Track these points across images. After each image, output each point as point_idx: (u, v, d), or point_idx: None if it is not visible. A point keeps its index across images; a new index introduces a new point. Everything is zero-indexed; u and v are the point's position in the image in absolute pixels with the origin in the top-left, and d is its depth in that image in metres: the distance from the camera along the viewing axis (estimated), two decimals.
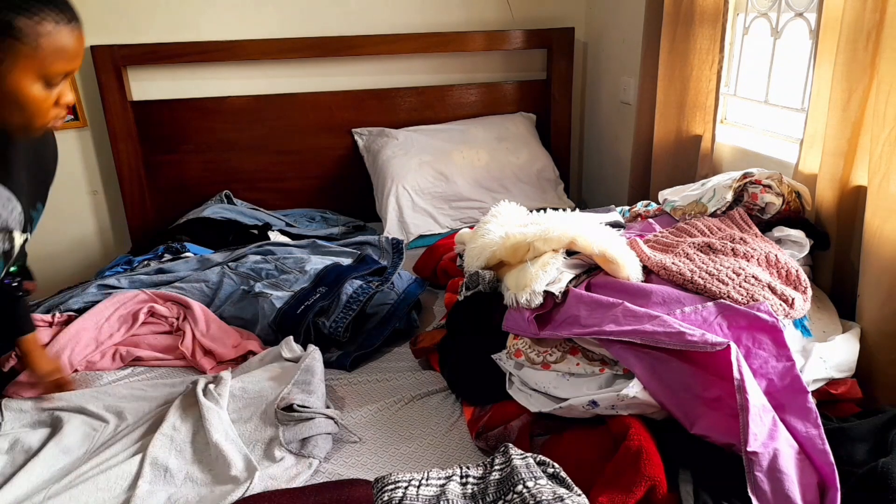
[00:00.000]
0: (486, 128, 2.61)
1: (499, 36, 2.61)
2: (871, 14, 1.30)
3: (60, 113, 1.02)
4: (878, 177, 1.29)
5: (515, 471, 1.00)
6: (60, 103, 1.01)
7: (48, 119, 1.01)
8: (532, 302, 1.33)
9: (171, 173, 2.56)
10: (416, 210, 2.38)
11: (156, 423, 1.30)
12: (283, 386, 1.34)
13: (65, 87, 1.01)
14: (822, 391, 1.23)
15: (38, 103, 0.97)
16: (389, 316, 1.69)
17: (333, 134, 2.63)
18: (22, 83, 0.94)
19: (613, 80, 2.60)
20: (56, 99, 1.00)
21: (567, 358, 1.26)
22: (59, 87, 0.99)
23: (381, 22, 2.55)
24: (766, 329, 1.16)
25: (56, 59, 0.95)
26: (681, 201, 1.67)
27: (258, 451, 1.25)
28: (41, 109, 0.98)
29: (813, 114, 1.50)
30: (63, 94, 1.01)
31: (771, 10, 1.83)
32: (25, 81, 0.94)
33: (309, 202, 2.67)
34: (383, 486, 1.02)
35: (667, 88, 2.01)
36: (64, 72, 0.98)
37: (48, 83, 0.97)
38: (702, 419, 1.08)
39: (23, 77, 0.94)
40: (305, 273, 1.85)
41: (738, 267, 1.30)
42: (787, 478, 0.98)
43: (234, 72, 2.53)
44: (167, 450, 1.23)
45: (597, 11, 2.68)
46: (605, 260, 1.36)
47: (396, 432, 1.34)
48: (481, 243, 1.54)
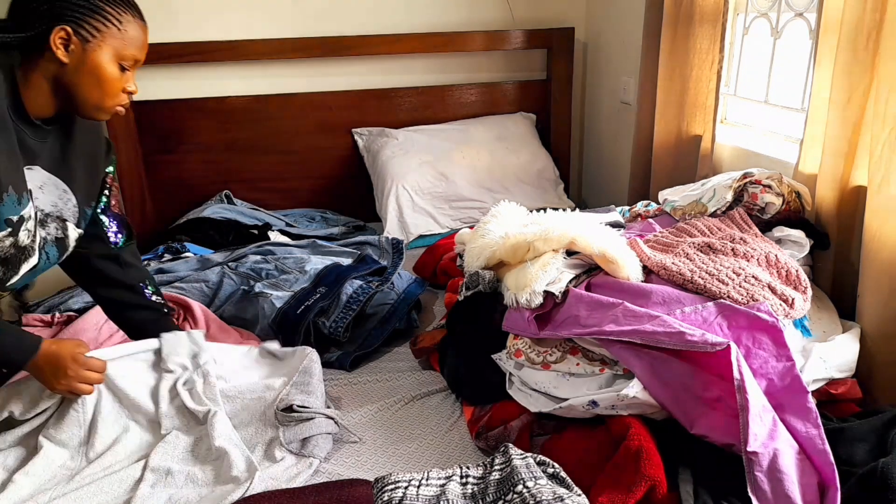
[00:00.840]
0: (486, 128, 2.61)
1: (499, 36, 2.61)
2: (871, 14, 1.30)
3: (125, 99, 1.15)
4: (878, 177, 1.29)
5: (515, 471, 1.00)
6: (126, 90, 1.14)
7: (117, 101, 1.14)
8: (532, 302, 1.33)
9: (171, 173, 2.56)
10: (416, 210, 2.38)
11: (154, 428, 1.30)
12: (282, 388, 1.34)
13: (132, 77, 1.15)
14: (822, 391, 1.23)
15: (112, 83, 1.11)
16: (389, 316, 1.69)
17: (333, 134, 2.63)
18: (103, 60, 1.08)
19: (613, 80, 2.60)
20: (124, 85, 1.13)
21: (567, 358, 1.26)
22: (128, 73, 1.13)
23: (381, 22, 2.55)
24: (766, 329, 1.16)
25: (132, 45, 1.11)
26: (681, 201, 1.67)
27: (259, 452, 1.25)
28: (114, 90, 1.11)
29: (813, 114, 1.49)
30: (129, 82, 1.14)
31: (771, 10, 1.83)
32: (105, 59, 1.09)
33: (309, 202, 2.67)
34: (383, 486, 1.02)
35: (667, 88, 2.01)
36: (134, 59, 1.13)
37: (122, 67, 1.11)
38: (702, 419, 1.08)
39: (105, 55, 1.08)
40: (305, 273, 1.85)
41: (738, 267, 1.30)
42: (787, 478, 0.98)
43: (234, 72, 2.53)
44: (169, 455, 1.23)
45: (597, 11, 2.68)
46: (605, 260, 1.36)
47: (396, 432, 1.34)
48: (481, 243, 1.54)
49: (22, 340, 1.17)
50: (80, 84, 1.09)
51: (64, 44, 1.05)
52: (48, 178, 1.16)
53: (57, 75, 1.07)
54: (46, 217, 1.18)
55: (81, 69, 1.07)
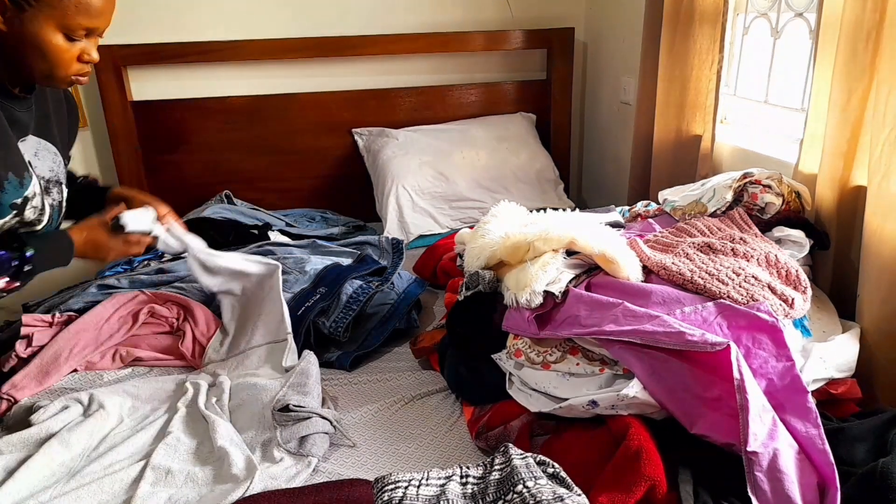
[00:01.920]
0: (486, 128, 2.61)
1: (499, 36, 2.61)
2: (870, 14, 1.30)
3: (84, 68, 1.10)
4: (878, 177, 1.29)
5: (515, 471, 1.00)
6: (84, 58, 1.08)
7: (70, 71, 1.08)
8: (532, 302, 1.33)
9: (171, 173, 2.56)
10: (416, 210, 2.38)
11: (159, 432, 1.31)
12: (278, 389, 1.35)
13: (89, 45, 1.08)
14: (822, 391, 1.23)
15: (60, 53, 1.05)
16: (389, 316, 1.69)
17: (333, 134, 2.63)
18: (43, 31, 1.02)
19: (613, 80, 2.60)
20: (79, 54, 1.07)
21: (567, 358, 1.26)
22: (82, 42, 1.07)
23: (381, 22, 2.55)
24: (766, 329, 1.16)
25: (77, 13, 1.02)
26: (681, 201, 1.67)
27: (257, 453, 1.25)
28: (62, 60, 1.05)
29: (813, 114, 1.50)
30: (87, 51, 1.08)
31: (771, 10, 1.83)
32: (47, 30, 1.02)
33: (309, 202, 2.67)
34: (383, 485, 1.02)
35: (667, 88, 2.01)
36: (86, 27, 1.05)
37: (69, 36, 1.04)
38: (702, 419, 1.08)
39: (44, 25, 1.01)
40: (305, 273, 1.85)
41: (738, 267, 1.30)
42: (787, 478, 0.98)
43: (234, 72, 2.53)
44: (170, 457, 1.23)
45: (597, 11, 2.68)
46: (604, 260, 1.36)
47: (396, 432, 1.34)
48: (481, 243, 1.54)
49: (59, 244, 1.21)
50: (25, 54, 1.04)
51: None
52: (39, 144, 1.16)
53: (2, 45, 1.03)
54: (48, 184, 1.18)
55: (22, 39, 1.02)
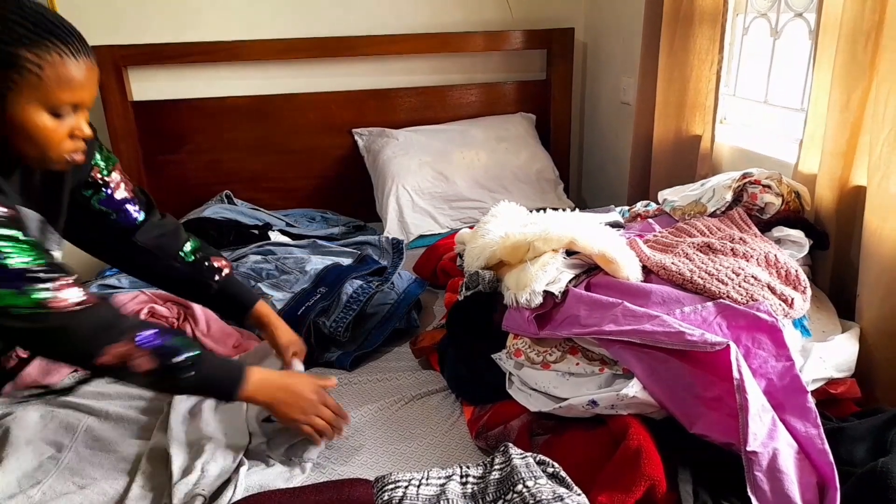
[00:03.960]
0: (485, 128, 2.62)
1: (498, 36, 2.61)
2: (870, 14, 1.30)
3: (77, 145, 1.03)
4: (878, 177, 1.29)
5: (515, 470, 1.00)
6: (75, 135, 1.01)
7: (62, 151, 1.01)
8: (532, 302, 1.33)
9: (172, 173, 2.56)
10: (416, 210, 2.38)
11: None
12: None
13: (78, 120, 1.01)
14: (822, 391, 1.23)
15: (48, 133, 0.97)
16: (389, 316, 1.69)
17: (333, 134, 2.63)
18: (27, 113, 0.95)
19: (613, 80, 2.60)
20: (70, 131, 1.00)
21: (567, 357, 1.26)
22: (69, 118, 0.99)
23: (381, 22, 2.56)
24: (766, 329, 1.16)
25: (60, 90, 0.95)
26: (680, 201, 1.67)
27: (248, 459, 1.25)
28: (51, 140, 0.98)
29: (812, 114, 1.50)
30: (77, 127, 1.01)
31: (770, 11, 1.83)
32: (31, 112, 0.95)
33: (309, 202, 2.68)
34: (383, 485, 1.02)
35: (666, 88, 2.01)
36: (71, 102, 0.98)
37: (55, 113, 0.97)
38: (701, 419, 1.08)
39: (28, 107, 0.95)
40: (306, 273, 1.85)
41: (738, 267, 1.30)
42: (787, 477, 0.98)
43: (234, 72, 2.53)
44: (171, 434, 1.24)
45: (597, 11, 2.68)
46: (604, 260, 1.36)
47: (396, 432, 1.34)
48: (481, 243, 1.54)
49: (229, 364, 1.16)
50: (12, 141, 0.97)
51: None
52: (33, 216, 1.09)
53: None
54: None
55: (5, 125, 0.95)
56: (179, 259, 1.32)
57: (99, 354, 1.00)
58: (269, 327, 1.40)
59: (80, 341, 1.00)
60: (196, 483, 1.13)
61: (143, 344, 1.04)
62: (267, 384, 1.18)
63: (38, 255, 0.96)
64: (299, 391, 1.20)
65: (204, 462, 1.17)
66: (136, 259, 1.31)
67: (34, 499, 1.14)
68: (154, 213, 1.32)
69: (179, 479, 1.14)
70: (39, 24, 0.93)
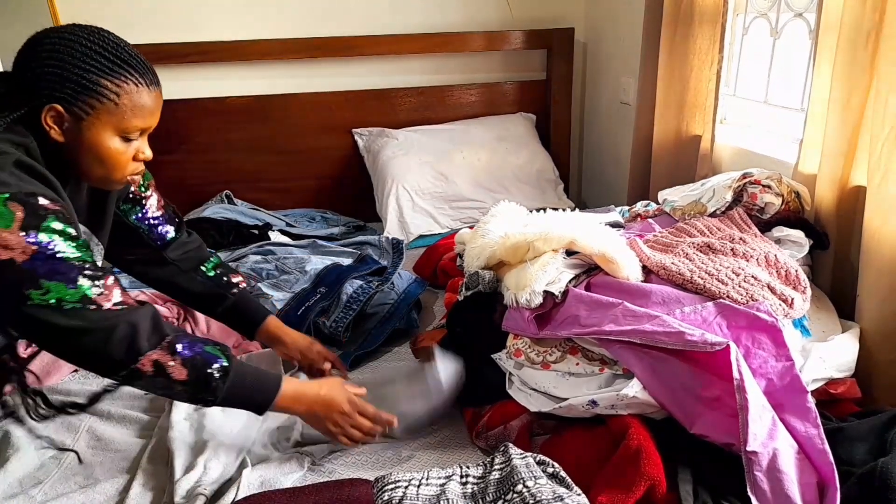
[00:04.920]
0: (486, 128, 2.62)
1: (499, 36, 2.61)
2: (870, 14, 1.30)
3: (138, 167, 1.10)
4: (878, 177, 1.29)
5: (515, 470, 1.00)
6: (138, 158, 1.08)
7: (126, 172, 1.08)
8: (532, 302, 1.33)
9: (172, 173, 2.55)
10: (416, 210, 2.39)
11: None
12: None
13: (142, 143, 1.08)
14: (822, 391, 1.23)
15: (117, 156, 1.04)
16: (389, 316, 1.69)
17: (333, 134, 2.63)
18: (101, 137, 1.01)
19: (613, 80, 2.60)
20: (134, 154, 1.07)
21: (567, 358, 1.26)
22: (136, 142, 1.07)
23: (381, 22, 2.56)
24: (766, 329, 1.16)
25: (133, 117, 1.03)
26: (680, 201, 1.67)
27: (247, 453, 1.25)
28: (119, 162, 1.05)
29: (812, 114, 1.50)
30: (140, 150, 1.08)
31: (770, 11, 1.83)
32: (105, 135, 1.02)
33: (309, 202, 2.67)
34: (383, 485, 1.02)
35: (666, 88, 2.01)
36: (140, 128, 1.05)
37: (125, 138, 1.04)
38: (701, 419, 1.08)
39: (102, 131, 1.01)
40: (306, 273, 1.85)
41: (738, 267, 1.30)
42: (787, 477, 0.98)
43: (234, 72, 2.53)
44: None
45: (597, 11, 2.68)
46: (604, 260, 1.36)
47: None
48: (481, 243, 1.54)
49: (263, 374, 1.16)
50: (81, 160, 1.03)
51: (56, 123, 0.99)
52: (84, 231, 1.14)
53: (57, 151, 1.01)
54: None
55: (79, 147, 1.01)
56: (201, 273, 1.37)
57: (136, 359, 1.00)
58: (282, 340, 1.41)
59: (119, 343, 0.99)
60: (198, 481, 1.13)
61: (179, 352, 1.04)
62: (302, 396, 1.18)
63: (87, 253, 0.99)
64: (335, 404, 1.19)
65: (206, 460, 1.17)
66: (160, 272, 1.35)
67: (36, 499, 1.14)
68: (182, 231, 1.37)
69: (181, 476, 1.14)
70: (119, 56, 1.01)
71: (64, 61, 0.97)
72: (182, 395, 1.08)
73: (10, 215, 0.90)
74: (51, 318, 0.94)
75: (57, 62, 0.97)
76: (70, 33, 1.00)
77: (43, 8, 2.28)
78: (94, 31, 1.02)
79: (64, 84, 0.97)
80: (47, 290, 0.93)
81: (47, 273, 0.93)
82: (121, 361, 0.99)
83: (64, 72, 0.97)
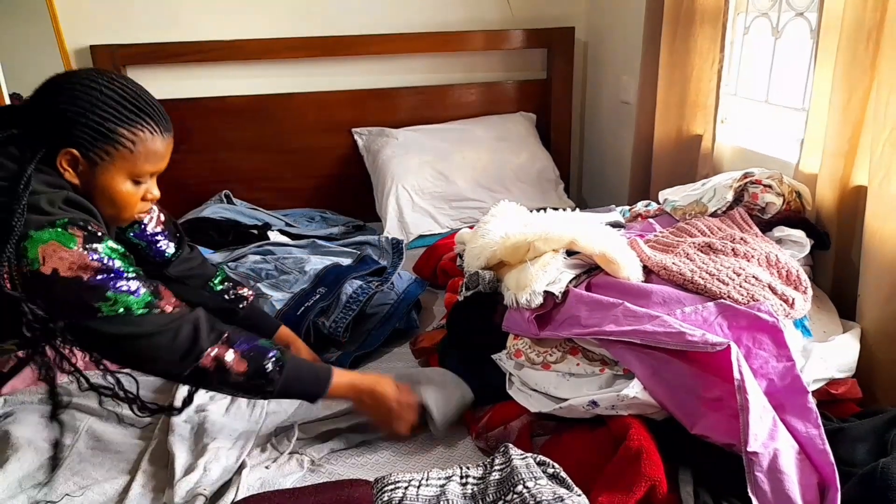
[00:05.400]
0: (486, 128, 2.61)
1: (499, 35, 2.61)
2: (871, 14, 1.29)
3: (146, 206, 1.15)
4: (879, 177, 1.29)
5: (515, 471, 1.00)
6: (147, 198, 1.13)
7: (134, 212, 1.13)
8: (532, 302, 1.33)
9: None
10: (416, 210, 2.38)
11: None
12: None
13: (151, 184, 1.13)
14: (823, 391, 1.22)
15: (127, 198, 1.09)
16: (389, 316, 1.68)
17: (333, 134, 2.63)
18: (114, 181, 1.06)
19: (613, 79, 2.60)
20: (143, 195, 1.12)
21: (567, 358, 1.26)
22: (145, 184, 1.12)
23: (381, 22, 2.55)
24: (767, 329, 1.16)
25: (146, 162, 1.08)
26: (681, 201, 1.67)
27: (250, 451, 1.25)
28: (129, 203, 1.10)
29: (813, 114, 1.49)
30: (149, 190, 1.13)
31: (771, 10, 1.83)
32: (118, 180, 1.07)
33: (309, 202, 2.67)
34: (383, 486, 1.02)
35: (667, 88, 2.00)
36: (152, 172, 1.11)
37: (136, 182, 1.09)
38: (702, 419, 1.08)
39: (116, 176, 1.06)
40: (305, 273, 1.85)
41: (739, 267, 1.30)
42: (788, 478, 0.98)
43: (233, 72, 2.53)
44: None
45: (597, 11, 2.68)
46: (605, 260, 1.36)
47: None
48: (481, 243, 1.54)
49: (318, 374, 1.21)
50: (92, 200, 1.06)
51: (71, 165, 1.03)
52: None
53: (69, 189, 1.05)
54: None
55: (92, 189, 1.05)
56: (208, 289, 1.41)
57: (200, 356, 1.06)
58: (293, 348, 1.45)
59: (185, 342, 1.05)
60: (198, 482, 1.13)
61: (237, 346, 1.11)
62: (353, 387, 1.24)
63: (138, 268, 1.06)
64: (384, 398, 1.25)
65: (207, 461, 1.17)
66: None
67: (35, 499, 1.14)
68: (183, 247, 1.39)
69: (181, 477, 1.14)
70: (137, 105, 1.05)
71: (83, 108, 1.01)
72: (243, 387, 1.12)
73: (71, 238, 0.97)
74: (122, 325, 1.01)
75: (77, 108, 1.01)
76: (91, 80, 1.03)
77: (43, 8, 2.28)
78: (114, 79, 1.05)
79: (82, 130, 1.01)
80: (115, 301, 1.00)
81: (113, 286, 1.00)
82: (187, 359, 1.06)
83: (82, 118, 1.01)
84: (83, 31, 2.03)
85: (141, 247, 1.32)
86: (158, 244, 1.35)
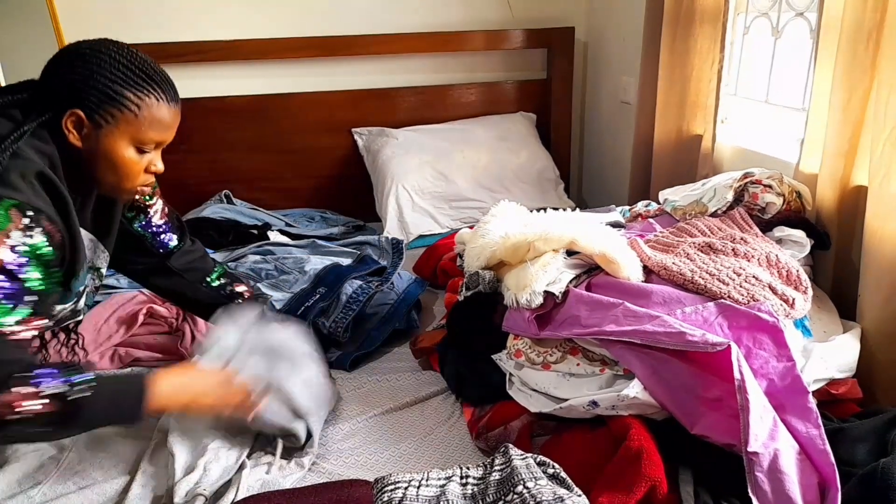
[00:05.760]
0: (486, 128, 2.61)
1: (499, 35, 2.61)
2: (871, 14, 1.30)
3: (148, 179, 1.14)
4: (879, 177, 1.29)
5: (515, 471, 1.00)
6: (150, 170, 1.12)
7: (137, 182, 1.12)
8: (532, 302, 1.33)
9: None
10: (416, 210, 2.38)
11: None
12: None
13: (156, 156, 1.12)
14: (823, 391, 1.22)
15: (130, 166, 1.08)
16: (389, 316, 1.68)
17: (333, 134, 2.63)
18: (118, 145, 1.05)
19: (613, 79, 2.60)
20: (146, 166, 1.11)
21: (567, 358, 1.26)
22: (149, 154, 1.10)
23: (381, 22, 2.55)
24: (767, 329, 1.16)
25: (150, 129, 1.06)
26: (681, 201, 1.67)
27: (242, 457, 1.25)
28: (132, 172, 1.09)
29: (813, 114, 1.49)
30: (153, 162, 1.12)
31: (771, 10, 1.83)
32: (121, 144, 1.06)
33: (309, 202, 2.67)
34: (383, 486, 1.02)
35: (667, 88, 2.00)
36: (156, 141, 1.09)
37: (140, 150, 1.08)
38: (702, 419, 1.08)
39: (119, 140, 1.05)
40: (305, 273, 1.85)
41: (739, 267, 1.30)
42: (788, 478, 0.98)
43: (233, 72, 2.52)
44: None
45: (597, 11, 2.67)
46: (605, 260, 1.36)
47: (396, 432, 1.34)
48: (481, 243, 1.54)
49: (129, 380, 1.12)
50: (95, 166, 1.06)
51: (76, 128, 1.03)
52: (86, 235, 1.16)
53: (72, 155, 1.05)
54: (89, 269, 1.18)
55: (95, 153, 1.05)
56: (206, 283, 1.40)
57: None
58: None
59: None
60: (198, 482, 1.13)
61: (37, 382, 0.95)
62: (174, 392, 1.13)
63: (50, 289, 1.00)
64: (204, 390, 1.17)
65: (207, 461, 1.17)
66: (165, 282, 1.38)
67: (35, 499, 1.14)
68: (185, 240, 1.39)
69: (181, 477, 1.14)
70: (145, 71, 1.05)
71: (91, 70, 1.01)
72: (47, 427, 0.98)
73: (7, 223, 0.92)
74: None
75: (84, 70, 1.01)
76: (101, 46, 1.04)
77: (43, 8, 2.27)
78: (124, 47, 1.06)
79: (89, 91, 1.01)
80: None
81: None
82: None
83: (90, 80, 1.01)
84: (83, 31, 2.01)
85: (145, 238, 1.32)
86: (162, 236, 1.35)
